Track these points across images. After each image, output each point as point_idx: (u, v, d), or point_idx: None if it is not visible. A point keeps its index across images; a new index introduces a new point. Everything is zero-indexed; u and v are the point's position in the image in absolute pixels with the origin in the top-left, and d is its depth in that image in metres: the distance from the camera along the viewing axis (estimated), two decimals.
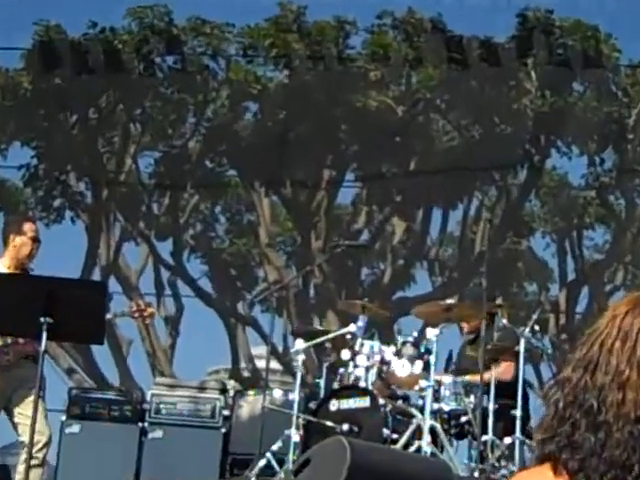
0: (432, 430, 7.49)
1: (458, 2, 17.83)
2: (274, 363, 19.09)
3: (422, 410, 7.61)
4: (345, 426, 7.51)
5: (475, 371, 7.78)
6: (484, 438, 7.54)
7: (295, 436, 7.90)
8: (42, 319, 6.04)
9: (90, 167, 20.08)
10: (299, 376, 8.34)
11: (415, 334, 8.20)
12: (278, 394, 8.92)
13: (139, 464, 9.60)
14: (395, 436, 7.48)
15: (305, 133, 19.19)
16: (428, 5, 18.60)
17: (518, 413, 7.67)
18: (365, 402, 7.61)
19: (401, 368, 7.82)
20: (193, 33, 19.05)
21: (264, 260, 21.15)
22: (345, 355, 7.94)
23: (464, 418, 7.71)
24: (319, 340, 8.65)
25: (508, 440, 7.67)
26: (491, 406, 7.63)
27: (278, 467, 7.95)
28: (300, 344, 8.42)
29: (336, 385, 8.08)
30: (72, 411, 9.75)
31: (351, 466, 5.44)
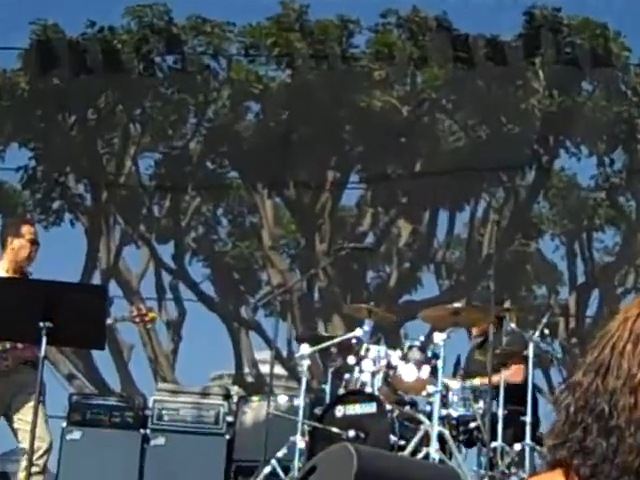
0: (440, 436, 7.41)
1: (463, 0, 17.63)
2: (278, 368, 18.94)
3: (430, 416, 7.54)
4: (351, 432, 7.44)
5: (484, 375, 7.69)
6: (493, 444, 7.47)
7: (300, 443, 7.85)
8: (41, 324, 6.01)
9: (89, 169, 19.92)
10: (304, 381, 8.27)
11: (422, 338, 8.12)
12: (283, 400, 8.94)
13: (141, 472, 9.54)
14: (402, 443, 7.42)
15: (308, 134, 19.04)
16: (433, 3, 18.53)
17: (528, 419, 7.60)
18: (371, 408, 7.55)
19: (408, 373, 7.76)
20: (193, 32, 18.88)
21: (267, 263, 20.99)
22: (351, 360, 7.90)
23: (473, 424, 7.64)
24: (324, 345, 8.58)
25: (518, 446, 7.58)
26: (500, 412, 7.56)
27: (283, 474, 7.92)
28: (305, 349, 8.36)
29: (342, 390, 8.02)
30: (73, 417, 9.70)
31: (358, 473, 5.29)
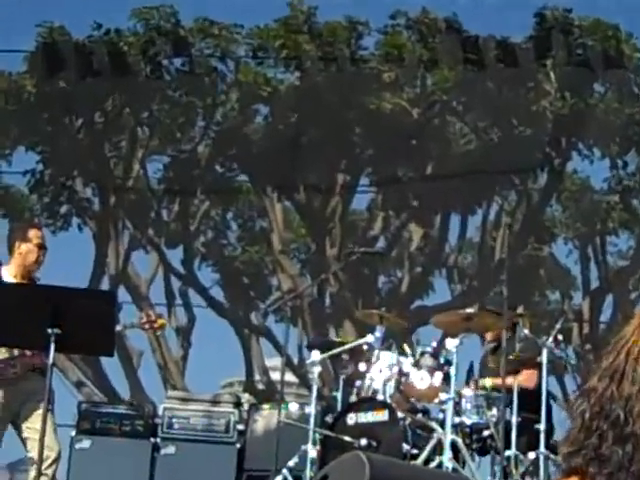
0: (453, 445, 7.31)
1: (473, 1, 17.48)
2: (289, 375, 18.82)
3: (443, 424, 7.43)
4: (363, 441, 7.37)
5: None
6: (507, 453, 7.38)
7: (312, 451, 7.78)
8: (50, 330, 5.95)
9: (97, 172, 19.80)
10: (315, 389, 8.20)
11: (434, 344, 7.99)
12: (294, 408, 8.90)
13: None
14: (415, 451, 7.34)
15: (318, 136, 18.91)
16: (443, 4, 18.38)
17: (542, 426, 7.49)
18: (384, 416, 7.46)
19: (420, 380, 7.67)
20: (201, 34, 18.73)
21: (277, 268, 20.85)
22: (362, 367, 7.82)
23: (486, 432, 7.55)
24: (335, 351, 8.50)
25: (532, 455, 7.49)
26: (514, 419, 7.46)
27: None
28: (316, 355, 8.28)
29: (353, 398, 7.93)
30: (82, 426, 9.64)
31: None
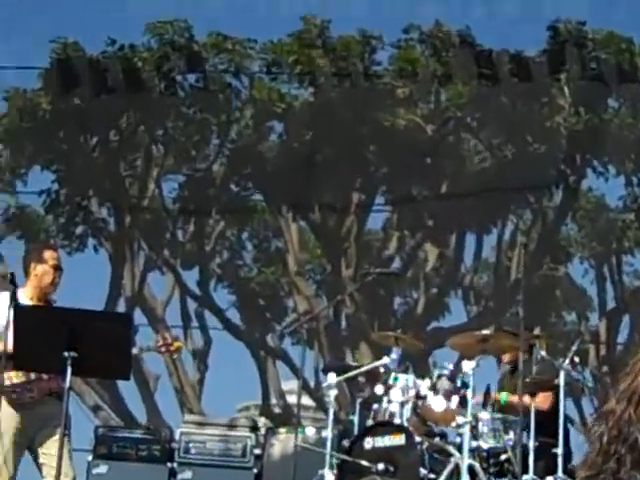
0: (471, 469, 7.22)
1: (487, 14, 17.39)
2: (306, 399, 18.66)
3: (460, 448, 7.34)
4: (380, 465, 7.29)
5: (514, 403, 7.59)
6: (525, 478, 7.29)
7: (329, 476, 7.71)
8: (66, 353, 5.91)
9: (112, 192, 19.72)
10: (331, 412, 8.12)
11: (451, 367, 7.89)
12: (311, 432, 8.83)
13: None
14: (432, 476, 7.27)
15: (332, 154, 18.85)
16: (456, 18, 18.21)
17: (560, 451, 7.40)
18: (401, 440, 7.38)
19: (437, 403, 7.60)
20: (214, 50, 18.64)
21: (293, 289, 20.73)
22: (379, 390, 7.77)
23: (504, 456, 7.45)
24: (352, 374, 8.44)
25: None
26: (531, 443, 7.36)
27: None
28: (332, 378, 8.20)
29: (370, 422, 7.84)
30: (99, 451, 9.60)
31: None
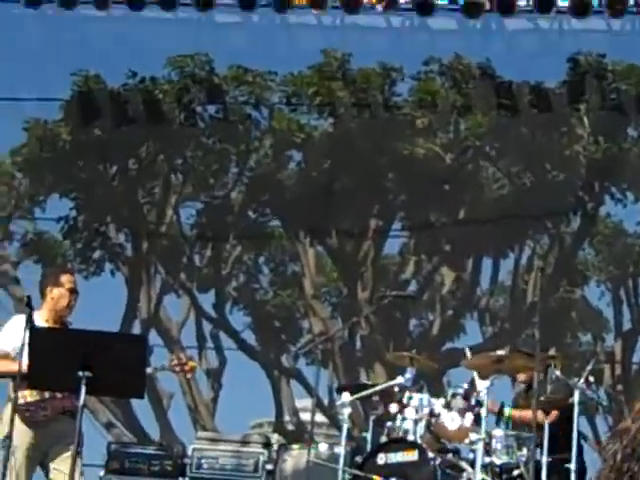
0: None
1: (507, 47, 17.43)
2: (319, 416, 18.69)
3: (473, 464, 7.42)
4: None
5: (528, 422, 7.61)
6: None
7: None
8: (80, 373, 6.02)
9: (130, 218, 19.81)
10: (345, 429, 8.14)
11: (465, 386, 7.97)
12: (323, 448, 8.81)
13: None
14: None
15: (351, 182, 18.88)
16: (476, 51, 18.19)
17: (572, 466, 7.46)
18: (414, 456, 7.44)
19: (451, 421, 7.67)
20: (235, 82, 18.69)
21: (309, 312, 20.78)
22: (393, 408, 7.82)
23: (516, 472, 7.53)
24: (366, 393, 8.46)
25: None
26: (544, 459, 7.41)
27: None
28: (346, 397, 8.25)
29: (384, 439, 7.90)
30: (111, 466, 9.66)
31: None
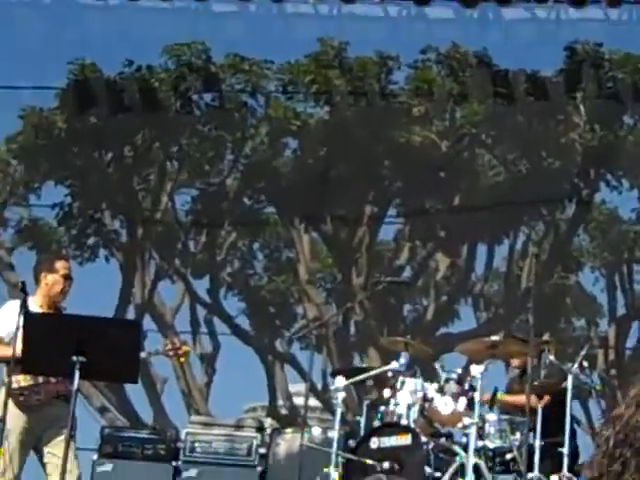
0: (476, 468, 7.36)
1: (504, 36, 17.48)
2: (312, 400, 18.78)
3: (466, 448, 7.47)
4: (386, 464, 7.40)
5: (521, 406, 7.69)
6: (530, 476, 7.40)
7: (334, 475, 7.79)
8: (74, 358, 6.06)
9: (125, 205, 19.82)
10: (339, 413, 8.20)
11: (459, 371, 8.05)
12: (317, 432, 8.84)
13: None
14: (438, 474, 7.39)
15: (346, 170, 18.92)
16: (473, 40, 18.23)
17: (565, 450, 7.52)
18: (407, 440, 7.50)
19: (444, 405, 7.74)
20: (231, 70, 18.68)
21: (303, 297, 20.85)
22: (386, 393, 7.88)
23: (509, 456, 7.60)
24: (361, 377, 8.55)
25: (555, 478, 7.55)
26: (537, 443, 7.47)
27: None
28: (340, 381, 8.30)
29: (377, 423, 7.96)
30: (104, 450, 9.69)
31: None
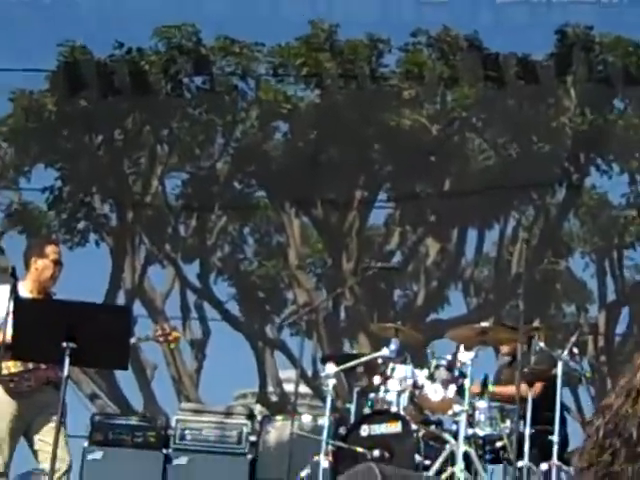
0: (466, 456, 7.33)
1: (495, 19, 17.50)
2: (303, 387, 18.76)
3: (456, 435, 7.45)
4: (376, 452, 7.39)
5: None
6: (520, 464, 7.37)
7: (324, 462, 7.75)
8: (65, 344, 6.02)
9: (115, 189, 19.79)
10: (329, 401, 8.15)
11: (449, 357, 7.99)
12: (307, 419, 8.85)
13: None
14: (428, 462, 7.36)
15: (337, 153, 18.93)
16: (464, 23, 18.28)
17: (555, 438, 7.50)
18: (397, 427, 7.48)
19: (434, 392, 7.71)
20: (222, 53, 18.67)
21: (293, 282, 20.82)
22: (377, 380, 7.84)
23: (499, 443, 7.58)
24: (351, 364, 8.49)
25: (545, 466, 7.49)
26: (527, 431, 7.45)
27: None
28: (331, 368, 8.25)
29: (367, 410, 7.93)
30: (94, 437, 9.66)
31: None
